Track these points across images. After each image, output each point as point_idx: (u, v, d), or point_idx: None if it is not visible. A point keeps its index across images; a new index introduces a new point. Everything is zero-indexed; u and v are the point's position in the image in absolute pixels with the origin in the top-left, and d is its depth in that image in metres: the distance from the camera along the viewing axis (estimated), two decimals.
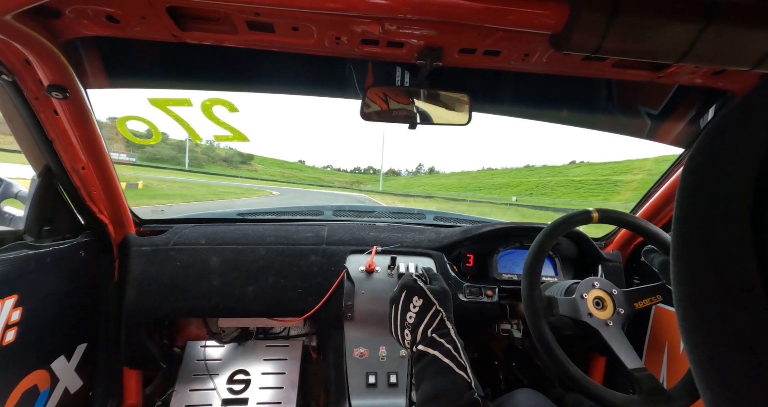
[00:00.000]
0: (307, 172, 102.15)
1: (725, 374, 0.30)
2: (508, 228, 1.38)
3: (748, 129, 0.29)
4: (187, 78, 1.21)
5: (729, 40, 0.65)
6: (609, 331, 0.85)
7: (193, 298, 1.18)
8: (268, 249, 1.27)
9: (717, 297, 0.30)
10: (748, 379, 0.28)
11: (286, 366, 1.44)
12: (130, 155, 52.08)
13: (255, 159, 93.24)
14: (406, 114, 1.07)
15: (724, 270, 0.30)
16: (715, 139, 0.32)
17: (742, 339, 0.29)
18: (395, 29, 0.78)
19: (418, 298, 0.68)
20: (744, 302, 0.28)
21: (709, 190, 0.31)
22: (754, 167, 0.28)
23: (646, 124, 1.18)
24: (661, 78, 0.87)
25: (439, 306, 0.66)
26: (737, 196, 0.29)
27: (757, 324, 0.28)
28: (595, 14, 0.63)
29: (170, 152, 75.33)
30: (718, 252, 0.30)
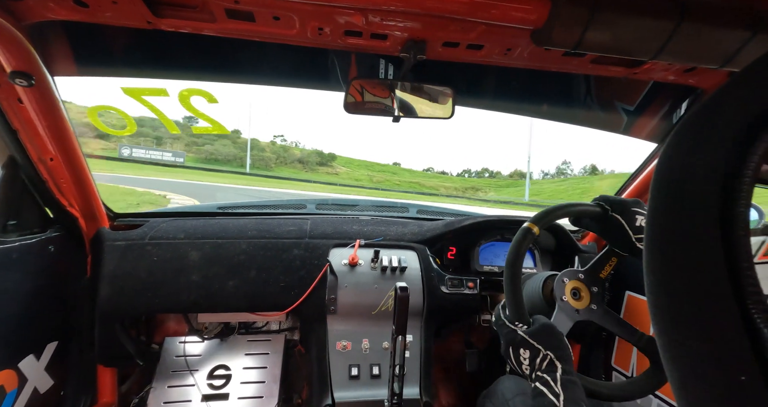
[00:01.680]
0: (402, 176, 78.34)
1: (690, 358, 0.31)
2: (489, 221, 1.40)
3: (715, 126, 0.31)
4: (163, 67, 1.17)
5: (700, 38, 0.68)
6: (560, 314, 0.87)
7: (171, 294, 1.15)
8: (250, 243, 1.25)
9: (686, 286, 0.31)
10: (710, 360, 0.30)
11: (268, 361, 1.43)
12: (177, 155, 41.63)
13: (337, 160, 74.78)
14: (389, 107, 1.07)
15: (694, 261, 0.31)
16: (685, 135, 0.33)
17: (706, 324, 0.30)
18: (379, 21, 0.77)
19: (524, 350, 0.70)
20: (711, 290, 0.30)
21: (680, 184, 0.33)
22: (721, 163, 0.30)
23: (622, 120, 1.22)
24: (636, 74, 0.89)
25: (545, 350, 0.69)
26: (705, 190, 0.30)
27: (720, 310, 0.29)
28: (575, 10, 0.65)
29: (231, 150, 60.30)
30: (689, 243, 0.31)
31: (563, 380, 0.64)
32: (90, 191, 1.15)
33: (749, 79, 0.30)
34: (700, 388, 0.31)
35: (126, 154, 35.95)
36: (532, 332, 0.71)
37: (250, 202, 1.62)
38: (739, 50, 0.69)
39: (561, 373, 0.65)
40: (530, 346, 0.70)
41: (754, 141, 0.29)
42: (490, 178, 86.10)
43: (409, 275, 1.28)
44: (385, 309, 1.24)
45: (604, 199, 0.85)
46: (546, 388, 0.64)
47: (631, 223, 0.81)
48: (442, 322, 1.38)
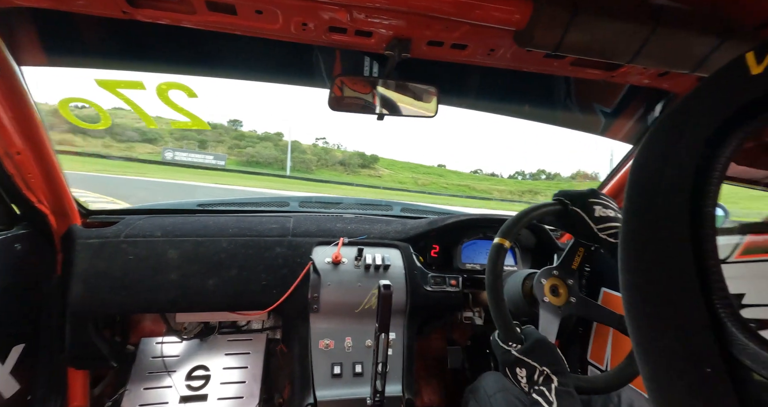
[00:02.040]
0: (449, 178, 71.22)
1: (661, 352, 0.33)
2: (472, 219, 1.42)
3: (686, 130, 0.32)
4: (140, 59, 1.13)
5: (673, 44, 0.70)
6: (546, 312, 0.89)
7: (148, 293, 1.12)
8: (231, 240, 1.22)
9: (658, 284, 0.33)
10: (679, 353, 0.31)
11: (249, 360, 1.41)
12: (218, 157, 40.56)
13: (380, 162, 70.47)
14: (374, 104, 1.06)
15: (665, 258, 0.32)
16: (658, 138, 0.35)
17: (676, 319, 0.31)
18: (363, 18, 0.77)
19: (520, 369, 0.72)
20: (680, 286, 0.31)
21: (653, 184, 0.34)
22: (691, 164, 0.31)
23: (600, 121, 1.25)
24: (614, 77, 0.92)
25: (540, 367, 0.70)
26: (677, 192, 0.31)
27: (689, 305, 0.30)
28: (556, 12, 0.66)
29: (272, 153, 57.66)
30: (661, 243, 0.33)
31: (558, 390, 0.66)
32: (60, 187, 1.10)
33: (717, 85, 0.32)
34: (669, 380, 0.32)
35: (169, 157, 35.61)
36: (525, 350, 0.73)
37: (231, 200, 1.59)
38: (708, 56, 0.72)
39: (557, 385, 0.67)
40: (526, 364, 0.71)
41: (721, 144, 0.30)
42: (548, 180, 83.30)
43: (393, 273, 1.29)
44: (368, 307, 1.24)
45: (563, 194, 0.87)
46: (541, 398, 0.66)
47: (590, 215, 0.83)
48: (425, 320, 1.40)
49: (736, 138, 0.30)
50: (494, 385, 0.94)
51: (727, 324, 0.28)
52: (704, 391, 0.29)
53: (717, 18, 0.69)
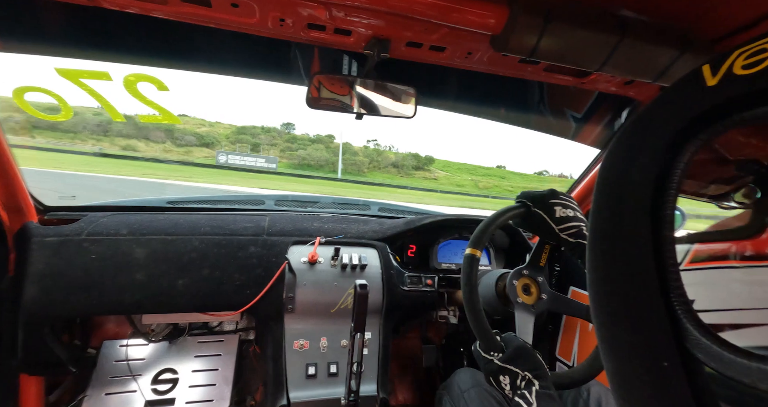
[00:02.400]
0: (512, 180, 69.28)
1: (623, 347, 0.34)
2: (448, 219, 1.44)
3: (648, 136, 0.34)
4: (106, 48, 1.08)
5: (638, 54, 0.74)
6: (523, 313, 0.92)
7: (112, 294, 1.06)
8: (202, 239, 1.18)
9: (621, 282, 0.34)
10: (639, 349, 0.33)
11: (220, 362, 1.37)
12: (270, 160, 39.05)
13: (435, 163, 66.30)
14: (352, 103, 1.06)
15: (627, 258, 0.34)
16: (623, 143, 0.36)
17: (637, 315, 0.33)
18: (343, 16, 0.76)
19: (503, 376, 0.74)
20: (639, 284, 0.33)
21: (618, 188, 0.35)
22: (653, 169, 0.33)
23: (571, 126, 1.30)
24: (583, 84, 0.96)
25: (522, 372, 0.72)
26: (640, 194, 0.33)
27: (647, 303, 0.32)
28: (530, 19, 0.68)
29: (323, 155, 54.75)
30: (624, 242, 0.34)
31: (539, 393, 0.69)
32: (14, 181, 1.03)
33: (676, 95, 0.34)
34: (630, 374, 0.34)
35: (222, 160, 35.50)
36: (507, 358, 0.75)
37: (203, 197, 1.54)
38: (669, 67, 0.76)
39: (537, 388, 0.70)
40: (509, 372, 0.74)
41: (679, 150, 0.32)
42: None
43: (369, 273, 1.29)
44: (344, 307, 1.23)
45: (525, 196, 0.90)
46: (522, 400, 0.69)
47: (551, 216, 0.86)
48: (401, 319, 1.41)
49: (693, 145, 0.32)
50: (467, 381, 0.96)
51: (683, 321, 0.30)
52: (661, 384, 0.31)
53: (677, 31, 0.74)
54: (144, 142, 47.17)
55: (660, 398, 0.31)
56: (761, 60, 0.28)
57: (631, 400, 0.33)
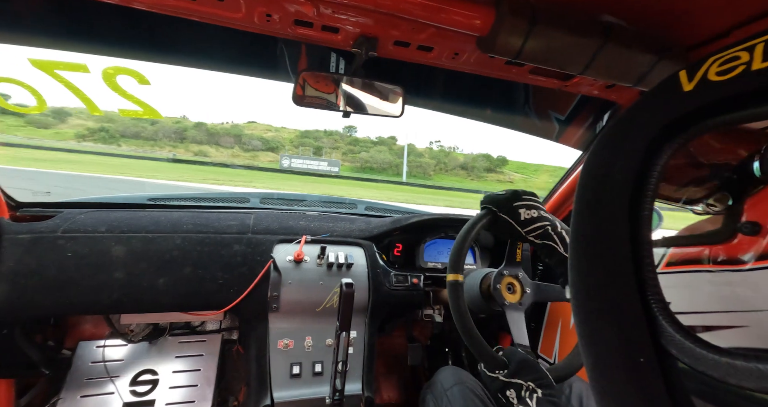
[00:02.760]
0: None
1: (601, 344, 0.35)
2: (434, 219, 1.45)
3: (627, 139, 0.35)
4: (84, 39, 1.04)
5: (619, 59, 0.76)
6: (512, 313, 0.95)
7: (89, 293, 1.03)
8: (185, 237, 1.16)
9: (600, 280, 0.35)
10: (617, 345, 0.34)
11: (202, 363, 1.34)
12: (332, 164, 38.29)
13: (509, 165, 62.29)
14: (339, 101, 1.05)
15: (607, 258, 0.35)
16: (604, 146, 0.37)
17: (614, 313, 0.34)
18: (330, 13, 0.76)
19: (509, 390, 0.75)
20: (618, 282, 0.34)
21: (599, 189, 0.36)
22: (632, 171, 0.34)
23: (555, 128, 1.33)
24: (567, 87, 0.98)
25: (526, 383, 0.75)
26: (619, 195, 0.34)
27: (625, 301, 0.33)
28: (516, 22, 0.69)
29: (386, 157, 51.64)
30: (604, 242, 0.35)
31: (539, 399, 0.71)
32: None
33: (654, 99, 0.35)
34: (608, 370, 0.35)
35: (286, 164, 35.32)
36: (510, 373, 0.77)
37: (186, 194, 1.51)
38: (648, 72, 0.79)
39: (539, 395, 0.72)
40: (513, 385, 0.76)
41: (657, 153, 0.33)
42: None
43: (356, 271, 1.28)
44: (329, 306, 1.23)
45: (490, 202, 0.91)
46: (523, 406, 0.72)
47: (517, 219, 0.88)
48: (387, 318, 1.41)
49: (670, 148, 0.33)
50: (450, 379, 0.97)
51: (659, 318, 0.31)
52: (637, 379, 0.32)
53: (655, 38, 0.76)
54: (215, 148, 48.46)
55: (636, 392, 0.32)
56: (734, 67, 0.29)
57: (609, 394, 0.34)
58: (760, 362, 0.24)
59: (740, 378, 0.25)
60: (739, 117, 0.29)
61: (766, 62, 0.27)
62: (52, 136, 48.39)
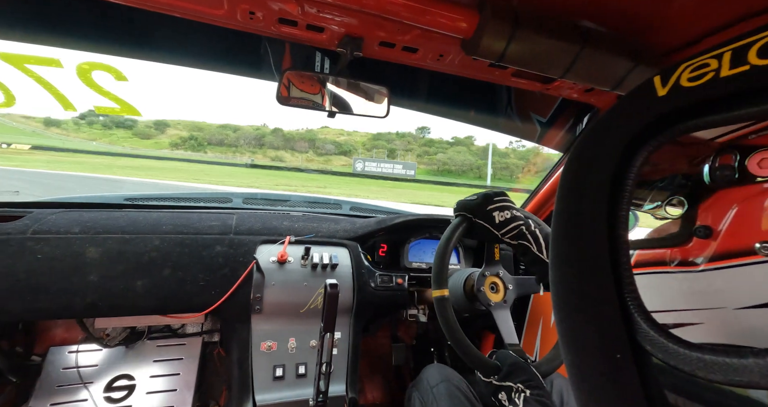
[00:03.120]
0: None
1: (580, 340, 0.36)
2: (418, 219, 1.46)
3: (605, 142, 0.36)
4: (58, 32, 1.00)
5: (597, 63, 0.79)
6: (498, 312, 0.97)
7: (61, 297, 0.99)
8: (164, 238, 1.13)
9: (579, 278, 0.36)
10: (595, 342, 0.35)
11: (182, 367, 1.31)
12: (408, 166, 36.36)
13: None
14: (324, 101, 1.05)
15: (586, 256, 0.36)
16: (583, 148, 0.39)
17: (593, 310, 0.35)
18: (315, 12, 0.75)
19: (501, 393, 0.78)
20: (597, 280, 0.34)
21: (579, 190, 0.37)
22: (610, 173, 0.35)
23: (536, 130, 1.36)
24: (548, 90, 1.00)
25: (516, 385, 0.77)
26: (598, 196, 0.35)
27: (603, 298, 0.34)
28: (499, 25, 0.70)
29: (466, 158, 49.55)
30: (583, 241, 0.36)
31: (527, 398, 0.74)
32: None
33: (630, 104, 0.36)
34: (586, 365, 0.36)
35: (359, 168, 34.02)
36: (503, 377, 0.79)
37: (165, 194, 1.46)
38: (625, 77, 0.81)
39: (527, 395, 0.75)
40: (505, 388, 0.78)
41: (633, 155, 0.34)
42: None
43: (340, 272, 1.28)
44: (314, 307, 1.22)
45: (463, 209, 0.92)
46: (512, 405, 0.75)
47: (492, 223, 0.90)
48: (371, 318, 1.41)
49: (645, 150, 0.34)
50: (436, 376, 0.98)
51: (635, 315, 0.32)
52: (614, 374, 0.33)
53: (632, 44, 0.79)
54: (290, 153, 48.67)
55: (612, 387, 0.33)
56: (703, 74, 0.30)
57: (587, 389, 0.35)
58: (727, 356, 0.25)
59: (708, 372, 0.26)
60: (709, 121, 0.31)
61: (733, 70, 0.29)
62: (152, 146, 51.09)
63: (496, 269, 1.03)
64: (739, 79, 0.28)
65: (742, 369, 0.24)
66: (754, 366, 0.24)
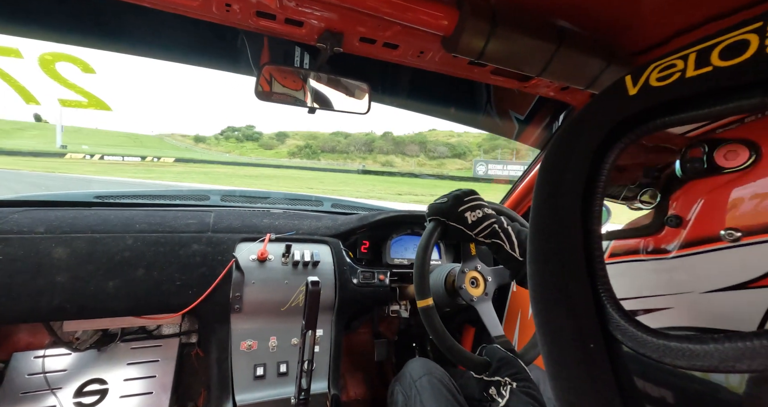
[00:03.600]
0: None
1: (556, 331, 0.37)
2: (400, 215, 1.46)
3: (580, 139, 0.37)
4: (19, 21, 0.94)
5: (572, 62, 0.81)
6: (480, 306, 0.99)
7: (24, 299, 0.94)
8: (137, 237, 1.09)
9: (555, 272, 0.37)
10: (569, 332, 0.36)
11: (158, 369, 1.27)
12: None
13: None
14: (304, 97, 1.03)
15: (562, 249, 0.37)
16: (559, 145, 0.40)
17: (568, 302, 0.36)
18: (294, 6, 0.74)
19: (493, 388, 0.80)
20: (571, 273, 0.36)
21: (555, 186, 0.38)
22: (584, 169, 0.36)
23: (515, 127, 1.38)
24: (526, 88, 1.02)
25: (503, 379, 0.80)
26: (573, 192, 0.36)
27: (577, 291, 0.35)
28: (478, 23, 0.71)
29: None
30: (559, 236, 0.37)
31: (513, 390, 0.77)
32: None
33: (603, 102, 0.37)
34: (561, 355, 0.37)
35: (481, 171, 30.92)
36: (492, 372, 0.83)
37: (139, 192, 1.41)
38: (598, 76, 0.84)
39: (513, 387, 0.78)
40: (494, 383, 0.81)
41: (606, 152, 0.36)
42: None
43: (322, 269, 1.27)
44: (295, 305, 1.21)
45: (436, 213, 0.94)
46: (499, 398, 0.78)
47: (465, 224, 0.91)
48: (353, 315, 1.41)
49: (617, 148, 0.35)
50: (419, 370, 0.99)
51: (607, 306, 0.33)
52: (587, 363, 0.34)
53: (604, 44, 0.81)
54: (400, 157, 47.57)
55: (586, 375, 0.34)
56: (671, 74, 0.31)
57: (562, 378, 0.36)
58: (690, 343, 0.27)
59: (674, 358, 0.28)
60: (677, 119, 0.32)
61: (698, 70, 0.30)
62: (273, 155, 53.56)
63: (473, 264, 1.04)
64: (703, 80, 0.29)
65: (703, 355, 0.26)
66: (714, 351, 0.25)
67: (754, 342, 0.23)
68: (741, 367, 0.24)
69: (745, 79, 0.27)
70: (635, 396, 0.33)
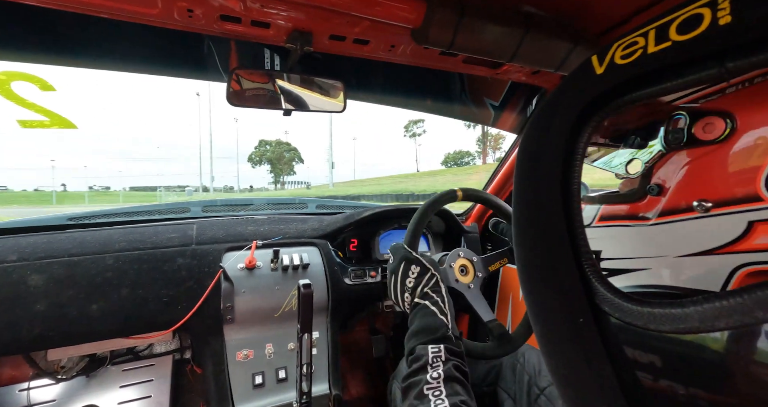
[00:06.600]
0: None
1: (546, 310, 0.39)
2: (387, 210, 1.46)
3: (554, 120, 0.38)
4: None
5: (540, 46, 0.82)
6: (471, 293, 1.00)
7: (2, 332, 0.89)
8: (118, 256, 1.05)
9: (542, 252, 0.38)
10: (559, 309, 0.37)
11: (153, 388, 1.24)
12: None
13: None
14: (278, 99, 1.02)
15: (546, 229, 0.38)
16: (534, 128, 0.40)
17: (555, 280, 0.37)
18: (258, 8, 0.72)
19: (415, 266, 0.77)
20: (556, 252, 0.37)
21: (534, 168, 0.39)
22: (560, 148, 0.37)
23: (491, 114, 1.40)
24: (498, 74, 1.04)
25: (434, 271, 0.76)
26: (551, 172, 0.37)
27: (563, 268, 0.36)
28: (446, 14, 0.72)
29: None
30: (541, 216, 0.38)
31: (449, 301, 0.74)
32: None
33: (572, 83, 0.38)
34: (553, 332, 0.38)
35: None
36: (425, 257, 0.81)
37: (115, 209, 1.36)
38: (566, 58, 0.86)
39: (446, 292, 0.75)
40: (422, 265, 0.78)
41: (579, 131, 0.37)
42: None
43: (312, 271, 1.26)
44: (288, 310, 1.20)
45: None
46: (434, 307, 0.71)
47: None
48: (348, 314, 1.41)
49: (590, 126, 0.36)
50: None
51: (592, 280, 0.34)
52: (578, 337, 0.35)
53: (570, 26, 0.83)
54: None
55: (577, 349, 0.35)
56: (634, 51, 0.32)
57: (555, 354, 0.37)
58: (672, 308, 0.28)
59: (658, 324, 0.29)
60: (643, 94, 0.33)
61: (658, 46, 0.31)
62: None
63: (462, 252, 1.06)
64: (663, 55, 0.31)
65: (684, 317, 0.27)
66: (694, 313, 0.26)
67: (730, 301, 0.24)
68: (719, 325, 0.25)
69: (702, 51, 0.29)
70: (626, 365, 0.34)
